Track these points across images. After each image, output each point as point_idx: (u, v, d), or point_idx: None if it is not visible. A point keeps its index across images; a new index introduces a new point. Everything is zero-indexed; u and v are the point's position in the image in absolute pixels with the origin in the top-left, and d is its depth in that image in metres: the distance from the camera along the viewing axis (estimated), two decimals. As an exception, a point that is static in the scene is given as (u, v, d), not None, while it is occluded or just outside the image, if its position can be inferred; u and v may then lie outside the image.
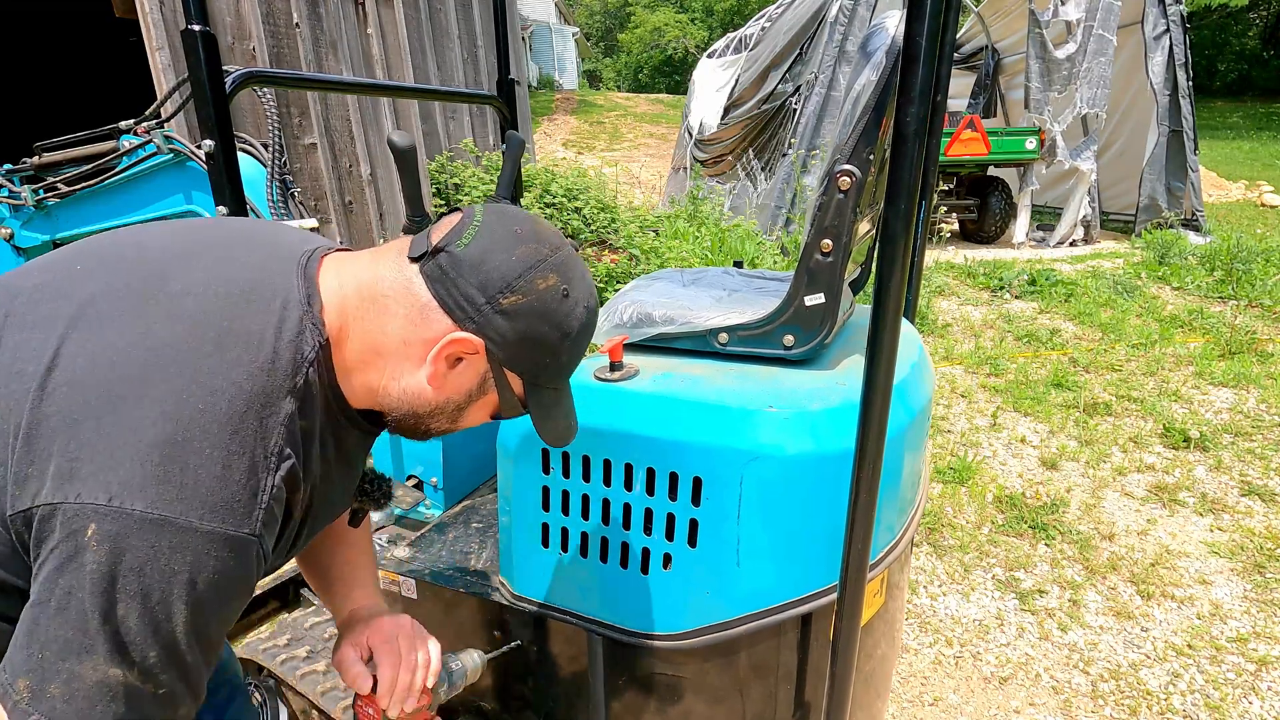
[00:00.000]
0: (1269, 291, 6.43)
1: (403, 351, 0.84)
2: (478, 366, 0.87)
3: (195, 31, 1.24)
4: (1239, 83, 30.85)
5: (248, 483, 0.72)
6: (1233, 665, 2.39)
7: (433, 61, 6.44)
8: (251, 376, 0.74)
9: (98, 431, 0.67)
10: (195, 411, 0.70)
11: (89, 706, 0.67)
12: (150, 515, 0.66)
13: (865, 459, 0.96)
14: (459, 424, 0.94)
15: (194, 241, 0.85)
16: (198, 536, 0.68)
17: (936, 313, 6.21)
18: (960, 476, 3.52)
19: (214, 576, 0.70)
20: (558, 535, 1.26)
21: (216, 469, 0.69)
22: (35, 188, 2.07)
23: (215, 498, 0.69)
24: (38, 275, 0.80)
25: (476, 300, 0.81)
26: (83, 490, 0.65)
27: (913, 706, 2.26)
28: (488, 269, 0.81)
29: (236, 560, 0.71)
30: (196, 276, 0.79)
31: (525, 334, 0.84)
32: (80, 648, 0.66)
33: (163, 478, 0.67)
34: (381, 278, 0.85)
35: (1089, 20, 8.62)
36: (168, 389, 0.70)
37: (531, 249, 0.84)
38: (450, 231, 0.84)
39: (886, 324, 0.90)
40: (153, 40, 4.14)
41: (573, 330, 0.87)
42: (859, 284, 1.64)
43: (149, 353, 0.72)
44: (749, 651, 1.19)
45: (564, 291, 0.85)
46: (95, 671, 0.67)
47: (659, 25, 42.76)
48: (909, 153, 0.83)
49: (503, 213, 0.87)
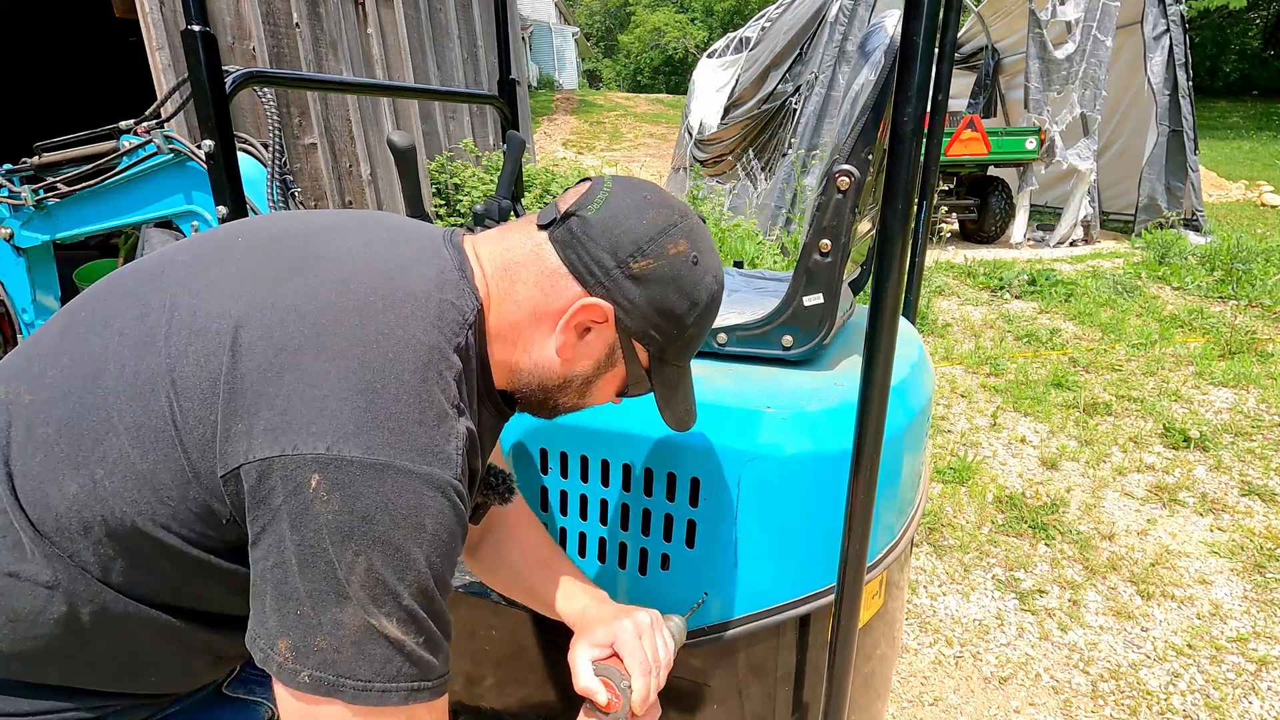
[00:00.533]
0: (1269, 291, 6.43)
1: (533, 322, 0.83)
2: (606, 337, 0.85)
3: (195, 31, 1.24)
4: (1240, 83, 30.85)
5: (440, 428, 0.71)
6: (1233, 665, 2.39)
7: (433, 61, 6.44)
8: (426, 330, 0.73)
9: (301, 382, 0.67)
10: (386, 360, 0.69)
11: (359, 652, 0.66)
12: (369, 460, 0.65)
13: (863, 459, 0.96)
14: (586, 399, 0.92)
15: (339, 219, 0.86)
16: (415, 479, 0.67)
17: (936, 313, 6.21)
18: (960, 476, 3.52)
19: (439, 517, 0.69)
20: (556, 535, 1.27)
21: (415, 414, 0.69)
22: (35, 188, 2.07)
23: (420, 441, 0.68)
24: (188, 252, 0.80)
25: (607, 264, 0.80)
26: (298, 441, 0.65)
27: (913, 706, 2.26)
28: (618, 233, 0.80)
29: (450, 504, 0.70)
30: (353, 245, 0.79)
31: (655, 301, 0.82)
32: (337, 596, 0.65)
33: (372, 424, 0.66)
34: (512, 247, 0.84)
35: (1088, 20, 8.63)
36: (355, 340, 0.69)
37: (662, 214, 0.83)
38: (581, 197, 0.83)
39: (885, 324, 0.89)
40: (153, 40, 4.15)
41: (701, 301, 0.85)
42: (859, 284, 1.64)
43: (328, 308, 0.71)
44: (747, 652, 1.19)
45: (694, 259, 0.83)
46: (356, 618, 0.65)
47: (659, 25, 42.77)
48: (907, 152, 0.83)
49: (630, 181, 0.86)
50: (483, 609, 1.41)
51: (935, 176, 1.70)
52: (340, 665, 0.65)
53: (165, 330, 0.72)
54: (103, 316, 0.76)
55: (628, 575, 1.21)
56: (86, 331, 0.76)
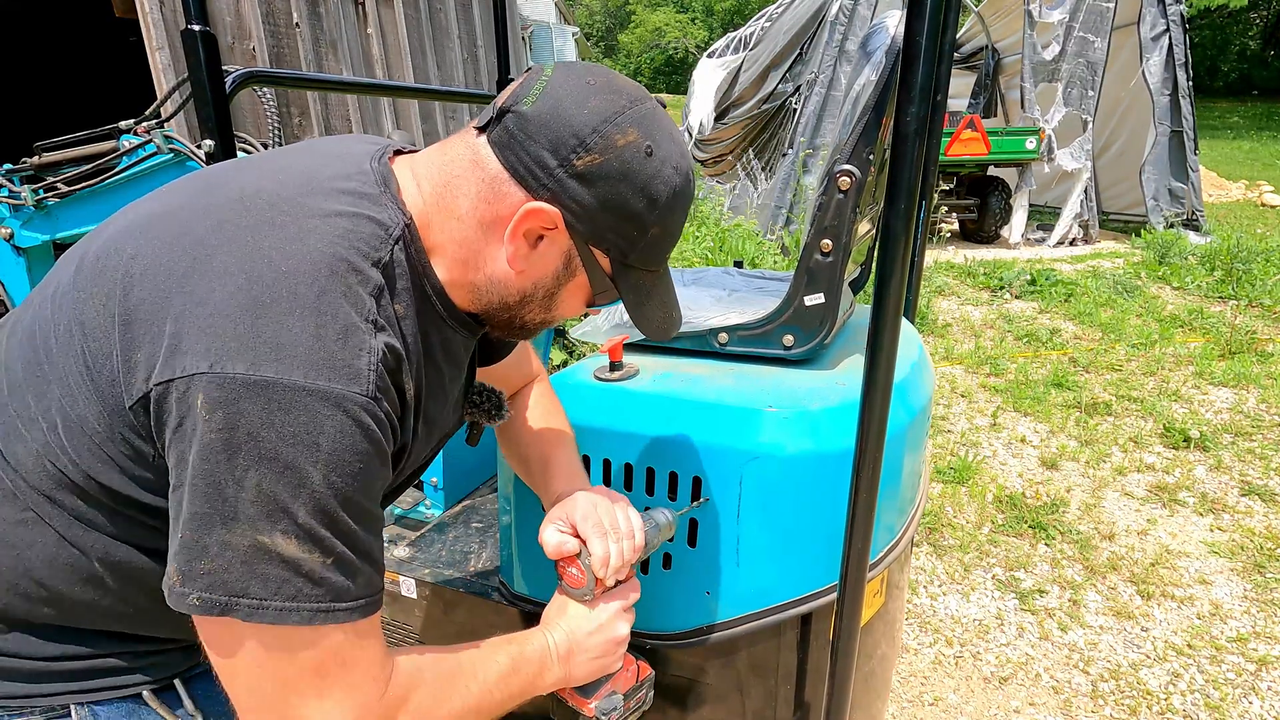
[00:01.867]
0: (1269, 291, 6.44)
1: (482, 236, 0.78)
2: (560, 244, 0.79)
3: (195, 31, 1.24)
4: (1240, 83, 30.86)
5: (346, 342, 0.67)
6: (1233, 665, 2.39)
7: (433, 61, 6.44)
8: (331, 243, 0.69)
9: (187, 302, 0.65)
10: (278, 274, 0.66)
11: (250, 571, 0.63)
12: (252, 377, 0.62)
13: (865, 459, 0.96)
14: (554, 312, 0.86)
15: (283, 149, 0.84)
16: (305, 395, 0.64)
17: (936, 313, 6.21)
18: (960, 476, 3.52)
19: (337, 435, 0.65)
20: (558, 535, 1.26)
21: (310, 328, 0.65)
22: (35, 188, 2.08)
23: (314, 356, 0.65)
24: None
25: (548, 163, 0.74)
26: (186, 363, 0.63)
27: (913, 706, 2.26)
28: (558, 127, 0.73)
29: (354, 421, 0.66)
30: (270, 167, 0.77)
31: (607, 201, 0.75)
32: (225, 516, 0.63)
33: (258, 339, 0.63)
34: (451, 159, 0.78)
35: (1072, 21, 8.66)
36: (245, 256, 0.67)
37: (607, 100, 0.75)
38: (516, 90, 0.76)
39: (886, 323, 0.89)
40: (153, 40, 4.14)
41: (660, 196, 0.77)
42: (859, 284, 1.64)
43: (221, 226, 0.69)
44: (749, 651, 1.19)
45: (647, 149, 0.75)
46: (245, 537, 0.63)
47: (659, 25, 42.77)
48: (909, 152, 0.83)
49: (573, 66, 0.78)
50: (483, 609, 1.41)
51: (934, 176, 1.70)
52: (231, 585, 0.63)
53: (74, 278, 0.73)
54: (51, 276, 0.79)
55: (629, 575, 1.21)
56: (38, 293, 0.79)
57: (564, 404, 1.22)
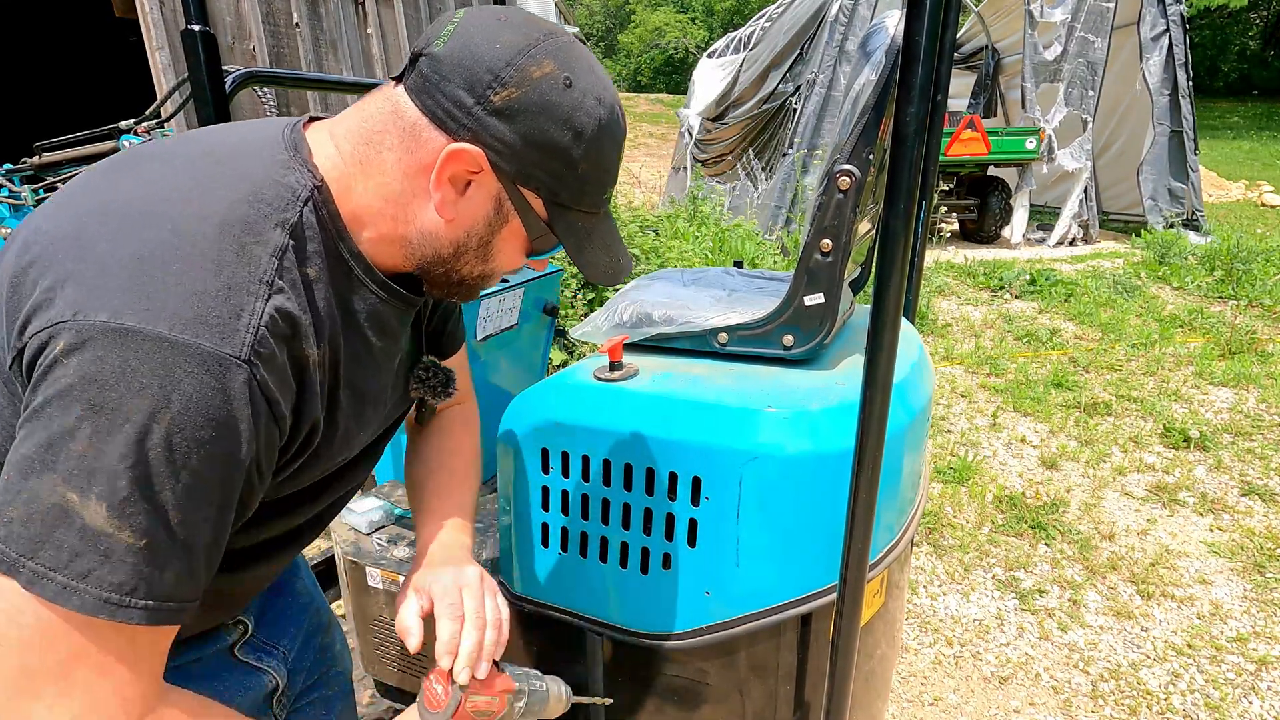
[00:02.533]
0: (1269, 291, 6.44)
1: (409, 188, 0.76)
2: (488, 187, 0.77)
3: (195, 31, 1.24)
4: (1240, 83, 30.89)
5: (228, 300, 0.63)
6: (1233, 665, 2.39)
7: (433, 61, 6.45)
8: (231, 206, 0.67)
9: (71, 259, 0.62)
10: (165, 232, 0.64)
11: (46, 531, 0.57)
12: (113, 324, 0.58)
13: (865, 459, 0.96)
14: (492, 263, 0.84)
15: (180, 134, 0.82)
16: (167, 348, 0.59)
17: (936, 313, 6.21)
18: (960, 476, 3.52)
19: (192, 396, 0.60)
20: (558, 535, 1.26)
21: (190, 283, 0.62)
22: (35, 188, 2.08)
23: (188, 310, 0.61)
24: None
25: (465, 102, 0.72)
26: (53, 314, 0.60)
27: (913, 706, 2.26)
28: (471, 64, 0.72)
29: (219, 384, 0.62)
30: (171, 149, 0.75)
31: (529, 136, 0.73)
32: (40, 464, 0.58)
33: (128, 288, 0.60)
34: (370, 115, 0.76)
35: (1073, 21, 8.67)
36: (141, 215, 0.65)
37: (520, 34, 0.74)
38: (427, 33, 0.75)
39: (886, 323, 0.89)
40: (153, 40, 4.15)
41: (585, 128, 0.75)
42: (859, 284, 1.64)
43: (117, 199, 0.67)
44: (749, 651, 1.19)
45: (565, 80, 0.74)
46: (54, 493, 0.58)
47: (659, 25, 42.79)
48: (909, 153, 0.83)
49: (484, 7, 0.78)
50: (483, 609, 1.41)
51: (934, 176, 1.70)
52: (22, 542, 0.57)
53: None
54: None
55: (629, 574, 1.21)
56: None
57: (564, 404, 1.22)
